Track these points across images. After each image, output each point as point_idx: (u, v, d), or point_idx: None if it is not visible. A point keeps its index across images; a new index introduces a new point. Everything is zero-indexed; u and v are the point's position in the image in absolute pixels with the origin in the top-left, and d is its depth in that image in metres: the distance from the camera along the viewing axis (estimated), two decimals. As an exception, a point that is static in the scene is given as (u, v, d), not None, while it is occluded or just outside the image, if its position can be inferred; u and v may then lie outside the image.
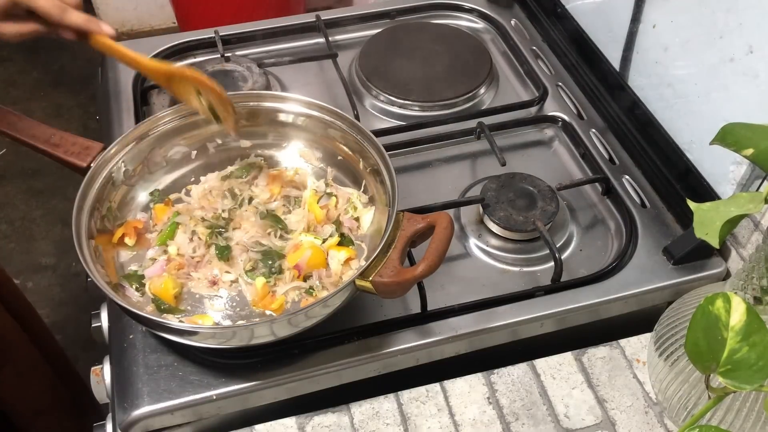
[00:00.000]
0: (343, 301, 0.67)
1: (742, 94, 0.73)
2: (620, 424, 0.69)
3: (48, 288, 1.90)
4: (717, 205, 0.49)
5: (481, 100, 1.00)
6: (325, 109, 0.81)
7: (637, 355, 0.74)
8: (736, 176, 0.75)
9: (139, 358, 0.71)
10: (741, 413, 0.58)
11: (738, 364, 0.45)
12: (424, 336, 0.73)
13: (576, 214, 0.86)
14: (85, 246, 0.68)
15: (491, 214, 0.81)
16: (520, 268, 0.80)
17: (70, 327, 1.81)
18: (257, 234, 0.77)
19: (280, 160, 0.85)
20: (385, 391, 0.71)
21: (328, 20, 1.09)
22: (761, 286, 0.56)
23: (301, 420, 0.69)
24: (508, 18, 1.12)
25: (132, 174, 0.79)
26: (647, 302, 0.78)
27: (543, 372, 0.73)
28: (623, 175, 0.88)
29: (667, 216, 0.83)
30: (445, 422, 0.69)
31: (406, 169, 0.91)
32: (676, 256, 0.78)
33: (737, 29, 0.72)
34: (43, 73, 2.48)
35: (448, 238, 0.66)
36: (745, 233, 0.75)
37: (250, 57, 1.04)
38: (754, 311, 0.46)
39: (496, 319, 0.74)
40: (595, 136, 0.93)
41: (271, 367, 0.70)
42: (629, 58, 0.91)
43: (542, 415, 0.70)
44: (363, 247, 0.77)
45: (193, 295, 0.74)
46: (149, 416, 0.67)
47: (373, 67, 1.02)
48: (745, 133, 0.53)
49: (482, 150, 0.93)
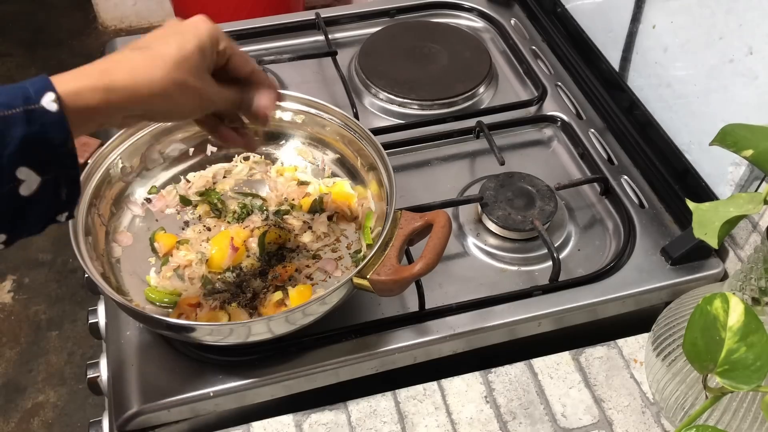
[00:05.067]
0: (340, 299, 0.67)
1: (742, 95, 0.73)
2: (617, 423, 0.69)
3: (45, 284, 1.90)
4: (716, 206, 0.49)
5: (480, 99, 1.00)
6: (323, 107, 0.81)
7: (635, 355, 0.74)
8: (735, 177, 0.75)
9: (136, 355, 0.70)
10: (738, 413, 0.59)
11: (735, 364, 0.45)
12: (421, 334, 0.73)
13: (574, 213, 0.86)
14: (81, 242, 0.68)
15: (489, 213, 0.81)
16: (518, 268, 0.80)
17: (66, 323, 1.81)
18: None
19: (278, 157, 0.85)
20: (383, 389, 0.71)
21: (328, 18, 1.09)
22: (759, 287, 0.56)
23: (298, 417, 0.69)
24: (508, 17, 1.12)
25: (129, 170, 0.79)
26: (645, 302, 0.78)
27: (540, 371, 0.73)
28: (622, 175, 0.88)
29: (666, 216, 0.84)
30: (442, 421, 0.69)
31: (405, 168, 0.91)
32: (674, 256, 0.78)
33: (737, 30, 0.72)
34: (42, 68, 2.48)
35: (446, 237, 0.66)
36: (743, 234, 0.76)
37: (250, 54, 1.02)
38: (752, 312, 0.46)
39: (494, 318, 0.74)
40: (594, 136, 0.93)
41: (268, 364, 0.70)
42: (629, 59, 0.91)
43: (539, 414, 0.70)
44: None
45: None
46: (146, 413, 0.67)
47: (373, 65, 1.02)
48: (745, 134, 0.53)
49: (481, 149, 0.93)
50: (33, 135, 0.46)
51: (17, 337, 1.79)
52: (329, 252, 0.77)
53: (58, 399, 1.68)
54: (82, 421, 1.64)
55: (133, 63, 0.53)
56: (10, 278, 1.91)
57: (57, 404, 1.67)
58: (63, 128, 0.48)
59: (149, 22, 2.65)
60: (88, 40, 2.60)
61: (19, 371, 1.73)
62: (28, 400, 1.68)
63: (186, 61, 0.54)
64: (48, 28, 2.64)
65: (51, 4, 2.72)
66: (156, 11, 2.63)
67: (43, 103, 0.47)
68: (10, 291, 1.89)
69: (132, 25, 2.65)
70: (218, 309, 0.71)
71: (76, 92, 0.49)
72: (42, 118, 0.47)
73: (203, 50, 0.56)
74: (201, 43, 0.56)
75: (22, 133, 0.46)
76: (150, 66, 0.53)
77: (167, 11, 2.57)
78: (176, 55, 0.54)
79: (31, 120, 0.46)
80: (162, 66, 0.53)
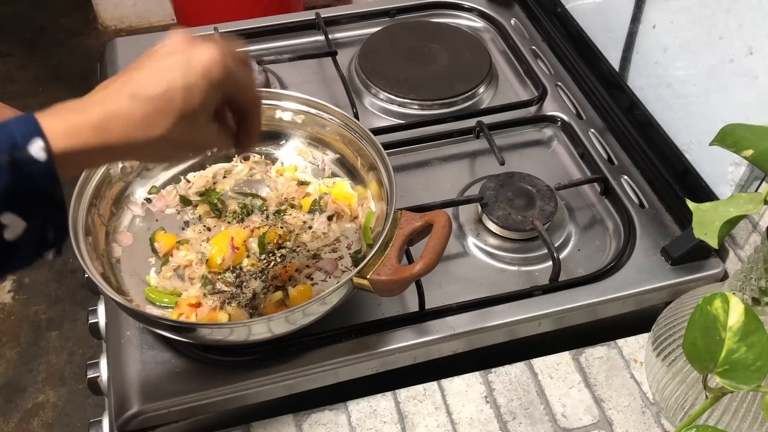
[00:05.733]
0: (340, 299, 0.67)
1: (742, 95, 0.73)
2: (617, 423, 0.69)
3: (45, 284, 1.90)
4: (716, 206, 0.49)
5: (481, 99, 1.00)
6: (323, 107, 0.81)
7: (635, 355, 0.74)
8: (735, 177, 0.75)
9: (136, 355, 0.70)
10: (738, 414, 0.58)
11: (736, 364, 0.45)
12: (421, 334, 0.73)
13: (574, 213, 0.86)
14: (81, 242, 0.68)
15: (490, 213, 0.81)
16: (518, 268, 0.80)
17: (66, 323, 1.81)
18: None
19: (278, 157, 0.85)
20: (383, 389, 0.71)
21: (328, 18, 1.09)
22: (759, 287, 0.56)
23: (299, 418, 0.69)
24: (508, 17, 1.12)
25: (129, 170, 0.79)
26: (645, 302, 0.78)
27: (540, 371, 0.73)
28: (622, 175, 0.88)
29: (666, 216, 0.83)
30: (442, 421, 0.69)
31: (405, 168, 0.91)
32: (674, 256, 0.78)
33: (737, 30, 0.72)
34: (42, 69, 2.48)
35: (446, 237, 0.66)
36: (743, 234, 0.76)
37: (250, 54, 1.03)
38: (752, 312, 0.46)
39: (494, 318, 0.74)
40: (594, 136, 0.93)
41: (268, 364, 0.70)
42: (629, 59, 0.91)
43: (539, 414, 0.70)
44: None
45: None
46: (146, 413, 0.67)
47: (373, 65, 1.02)
48: (745, 134, 0.53)
49: (481, 149, 0.93)
50: (19, 183, 0.44)
51: (17, 337, 1.79)
52: (329, 252, 0.77)
53: (58, 399, 1.68)
54: (82, 421, 1.64)
55: (131, 119, 0.47)
56: (10, 278, 1.91)
57: (57, 404, 1.67)
58: (51, 177, 0.45)
59: (149, 22, 2.65)
60: (88, 40, 2.60)
61: (19, 371, 1.73)
62: (28, 400, 1.68)
63: (191, 117, 0.49)
64: (48, 28, 2.64)
65: (51, 4, 2.72)
66: (156, 11, 2.63)
67: (31, 152, 0.44)
68: (10, 291, 1.89)
69: (132, 25, 2.65)
70: (218, 309, 0.71)
71: (66, 149, 0.45)
72: (29, 167, 0.44)
73: (208, 99, 0.50)
74: (208, 91, 0.49)
75: (8, 182, 0.43)
76: (150, 124, 0.48)
77: (167, 11, 2.57)
78: (181, 110, 0.48)
79: (18, 169, 0.43)
80: (162, 125, 0.48)
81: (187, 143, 0.52)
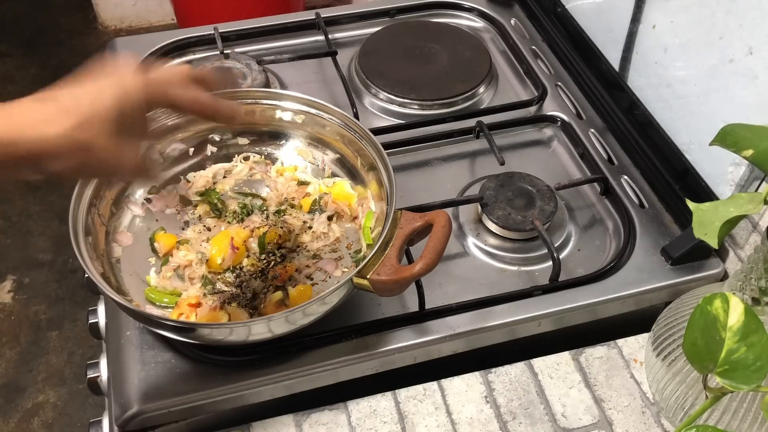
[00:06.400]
0: (340, 299, 0.67)
1: (742, 95, 0.73)
2: (617, 423, 0.69)
3: (45, 284, 1.90)
4: (716, 206, 0.49)
5: (481, 99, 1.00)
6: (323, 107, 0.81)
7: (635, 355, 0.74)
8: (735, 177, 0.75)
9: (136, 355, 0.70)
10: (738, 414, 0.58)
11: (736, 364, 0.45)
12: (421, 334, 0.73)
13: (574, 213, 0.86)
14: (81, 242, 0.68)
15: (490, 213, 0.81)
16: (518, 268, 0.80)
17: (66, 323, 1.81)
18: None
19: (278, 157, 0.85)
20: (383, 389, 0.71)
21: (328, 18, 1.09)
22: (759, 287, 0.56)
23: (299, 417, 0.69)
24: (508, 17, 1.12)
25: (130, 170, 0.79)
26: (645, 302, 0.78)
27: (540, 371, 0.73)
28: (622, 175, 0.88)
29: (666, 216, 0.83)
30: (442, 421, 0.69)
31: (405, 168, 0.91)
32: (674, 256, 0.78)
33: (737, 30, 0.72)
34: (41, 68, 2.48)
35: (446, 237, 0.66)
36: (743, 234, 0.76)
37: (250, 54, 1.03)
38: (752, 312, 0.46)
39: (494, 318, 0.74)
40: (594, 136, 0.93)
41: (268, 364, 0.70)
42: (629, 59, 0.91)
43: (539, 414, 0.70)
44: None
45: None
46: (146, 413, 0.67)
47: (373, 65, 1.02)
48: (745, 134, 0.53)
49: (481, 149, 0.93)
50: None
51: (17, 337, 1.79)
52: (329, 252, 0.77)
53: (58, 399, 1.68)
54: (82, 421, 1.64)
55: (28, 116, 0.45)
56: (10, 278, 1.91)
57: (57, 404, 1.67)
58: None
59: (149, 22, 2.65)
60: (88, 40, 2.60)
61: (19, 371, 1.73)
62: (28, 400, 1.68)
63: (97, 119, 0.46)
64: (48, 28, 2.64)
65: (51, 4, 2.72)
66: (156, 11, 2.63)
67: None
68: (10, 291, 1.89)
69: (132, 25, 2.65)
70: (218, 309, 0.71)
71: None
72: None
73: (123, 107, 0.47)
74: (122, 99, 0.47)
75: None
76: (46, 122, 0.45)
77: (167, 11, 2.57)
78: (86, 110, 0.46)
79: None
80: (60, 123, 0.45)
81: (94, 153, 0.48)
